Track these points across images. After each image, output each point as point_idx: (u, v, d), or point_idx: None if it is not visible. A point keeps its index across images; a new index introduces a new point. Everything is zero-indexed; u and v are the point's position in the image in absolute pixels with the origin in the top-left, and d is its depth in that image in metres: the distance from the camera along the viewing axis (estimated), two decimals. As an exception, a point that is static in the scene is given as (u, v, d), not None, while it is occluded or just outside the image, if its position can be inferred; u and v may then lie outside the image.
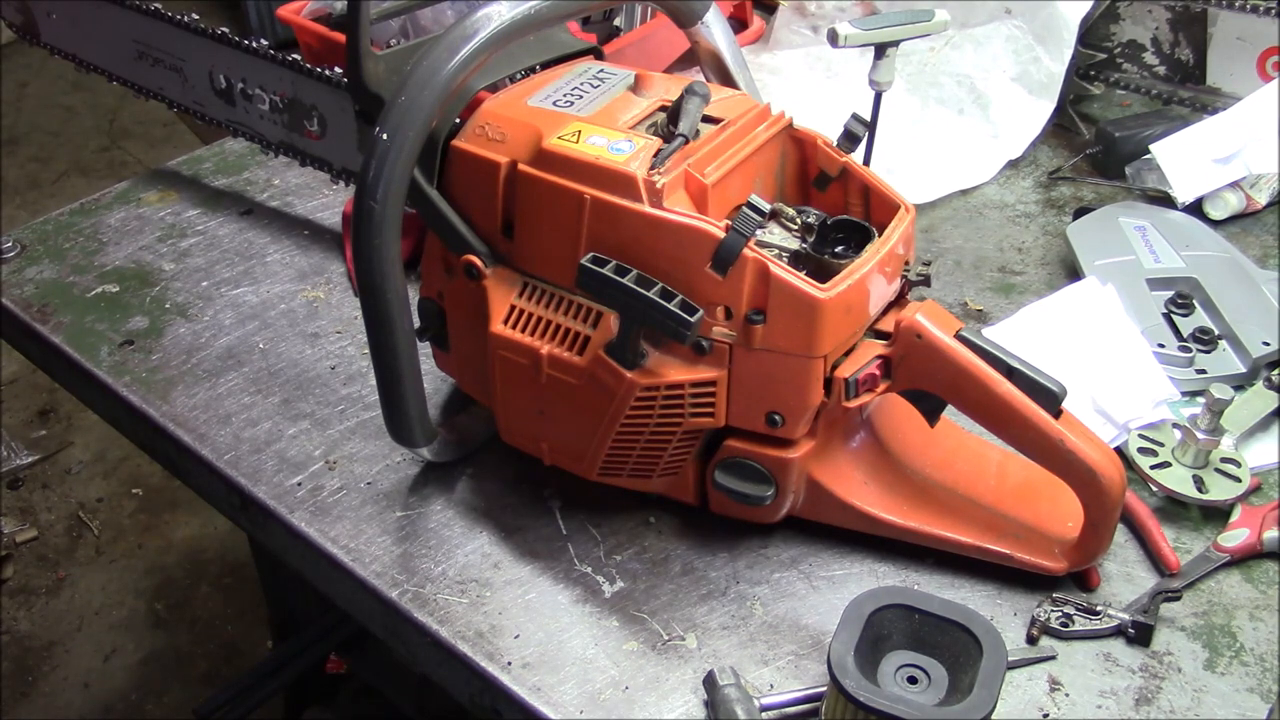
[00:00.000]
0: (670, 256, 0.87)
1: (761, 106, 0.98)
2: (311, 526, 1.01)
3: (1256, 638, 0.93)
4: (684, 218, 0.86)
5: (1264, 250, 1.31)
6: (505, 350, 0.94)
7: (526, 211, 0.92)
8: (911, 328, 0.90)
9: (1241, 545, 0.97)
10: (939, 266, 1.30)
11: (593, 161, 0.88)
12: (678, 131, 0.89)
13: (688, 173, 0.88)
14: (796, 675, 0.90)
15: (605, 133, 0.90)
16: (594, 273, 0.87)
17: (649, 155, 0.88)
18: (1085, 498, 0.91)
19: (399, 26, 1.40)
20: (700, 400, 0.91)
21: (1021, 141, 1.45)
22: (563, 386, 0.93)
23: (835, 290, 0.86)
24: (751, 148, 0.93)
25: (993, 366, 0.89)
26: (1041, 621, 0.91)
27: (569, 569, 0.98)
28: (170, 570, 2.43)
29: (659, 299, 0.85)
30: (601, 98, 0.96)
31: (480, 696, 0.92)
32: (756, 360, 0.88)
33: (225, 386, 1.15)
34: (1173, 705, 0.88)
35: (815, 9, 1.64)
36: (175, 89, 1.37)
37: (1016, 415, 0.89)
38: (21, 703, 2.20)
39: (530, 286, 0.94)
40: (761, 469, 0.94)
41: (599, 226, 0.88)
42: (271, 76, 1.26)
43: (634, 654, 0.92)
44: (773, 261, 0.86)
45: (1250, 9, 1.43)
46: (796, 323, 0.86)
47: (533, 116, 0.93)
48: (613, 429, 0.93)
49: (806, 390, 0.89)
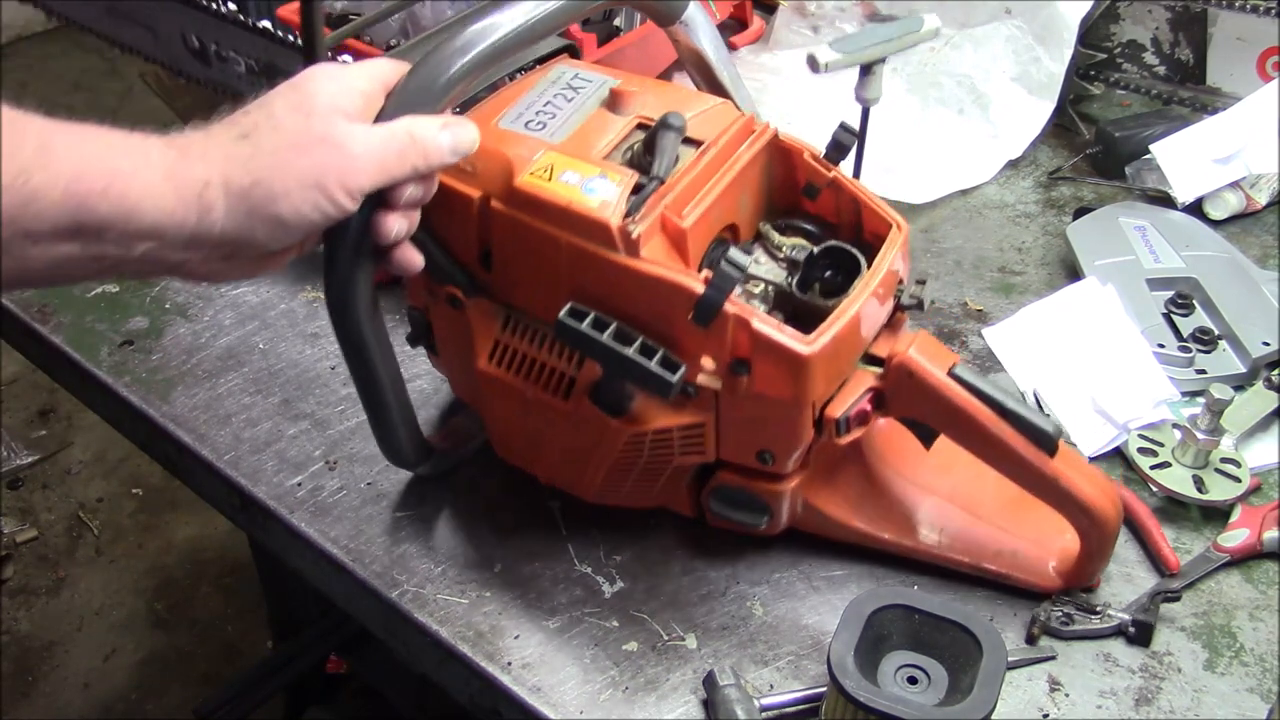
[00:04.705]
0: (650, 307, 0.85)
1: (745, 119, 0.93)
2: (311, 526, 1.01)
3: (1256, 638, 0.93)
4: (661, 271, 0.84)
5: (1264, 250, 1.31)
6: (492, 386, 0.93)
7: (503, 248, 0.90)
8: (903, 365, 0.87)
9: (1241, 545, 0.97)
10: (939, 266, 1.30)
11: (565, 206, 0.84)
12: (652, 174, 0.85)
13: (664, 216, 0.85)
14: (796, 675, 0.90)
15: (578, 167, 0.86)
16: (571, 329, 0.84)
17: (624, 196, 0.84)
18: (1080, 530, 0.91)
19: (399, 27, 1.40)
20: (689, 441, 0.90)
21: (1021, 141, 1.45)
22: (552, 423, 0.92)
23: (820, 343, 0.83)
24: (734, 171, 0.90)
25: (987, 406, 0.87)
26: (1042, 621, 0.91)
27: (569, 569, 0.98)
28: (170, 570, 2.43)
29: (639, 357, 0.83)
30: (575, 115, 0.91)
31: (480, 696, 0.92)
32: (743, 406, 0.86)
33: (225, 386, 1.15)
34: (1173, 705, 0.88)
35: (815, 9, 1.64)
36: (148, 45, 1.36)
37: (1010, 453, 0.88)
38: (21, 703, 2.20)
39: (513, 320, 0.92)
40: (755, 497, 0.93)
41: (576, 273, 0.86)
42: (244, 42, 1.26)
43: (634, 654, 0.92)
44: (754, 315, 0.83)
45: (1250, 9, 1.43)
46: (782, 374, 0.84)
47: (503, 144, 0.88)
48: (604, 465, 0.92)
49: (795, 433, 0.88)
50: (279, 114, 0.74)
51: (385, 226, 0.79)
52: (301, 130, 0.73)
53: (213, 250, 0.73)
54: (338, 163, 0.74)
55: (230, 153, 0.72)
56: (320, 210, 0.74)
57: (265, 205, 0.72)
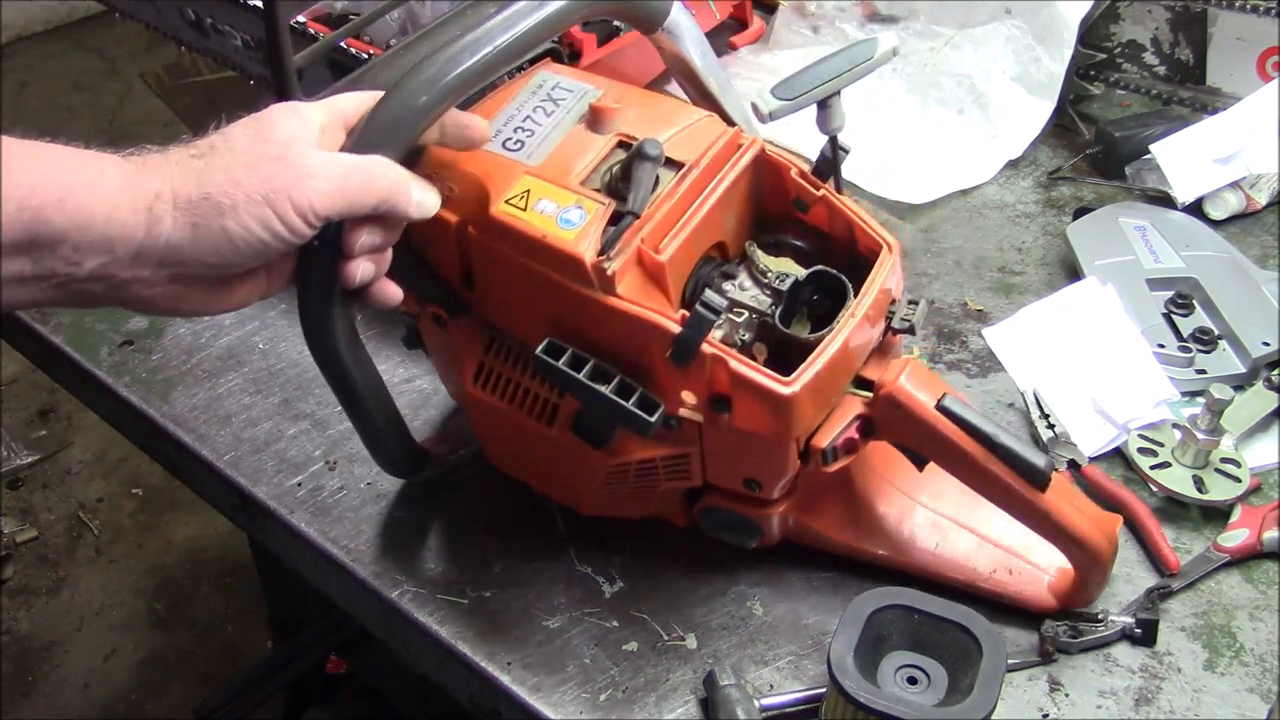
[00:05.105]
0: (627, 343, 0.84)
1: (730, 134, 0.90)
2: (311, 526, 1.01)
3: (1256, 638, 0.93)
4: (637, 310, 0.82)
5: (1264, 250, 1.31)
6: (480, 407, 0.93)
7: (483, 272, 0.89)
8: (891, 397, 0.86)
9: (1241, 545, 0.97)
10: (939, 267, 1.30)
11: (541, 239, 0.83)
12: (628, 208, 0.82)
13: (641, 250, 0.83)
14: (796, 675, 0.90)
15: (555, 194, 0.84)
16: (548, 366, 0.84)
17: (600, 227, 0.82)
18: (1075, 563, 0.90)
19: (399, 26, 1.40)
20: (674, 469, 0.90)
21: (1021, 141, 1.45)
22: (539, 446, 0.92)
23: (800, 382, 0.82)
24: (718, 193, 0.88)
25: (976, 440, 0.85)
26: (1050, 637, 0.91)
27: (569, 569, 0.98)
28: (170, 570, 2.43)
29: (616, 397, 0.82)
30: (555, 132, 0.89)
31: (480, 696, 0.92)
32: (726, 438, 0.85)
33: (225, 386, 1.15)
34: (1172, 705, 0.88)
35: (815, 9, 1.64)
36: (150, 15, 1.38)
37: (1000, 487, 0.87)
38: (21, 703, 2.20)
39: (497, 342, 0.91)
40: (745, 519, 0.93)
41: (554, 305, 0.85)
42: (239, 18, 1.27)
43: (634, 654, 0.92)
44: (732, 356, 0.82)
45: (1250, 9, 1.43)
46: (763, 411, 0.83)
47: (480, 166, 0.86)
48: (592, 487, 0.92)
49: (780, 464, 0.87)
50: (235, 137, 0.74)
51: (348, 273, 0.78)
52: (256, 151, 0.73)
53: (160, 267, 0.72)
54: (290, 180, 0.72)
55: (184, 167, 0.72)
56: (269, 228, 0.72)
57: (213, 219, 0.71)
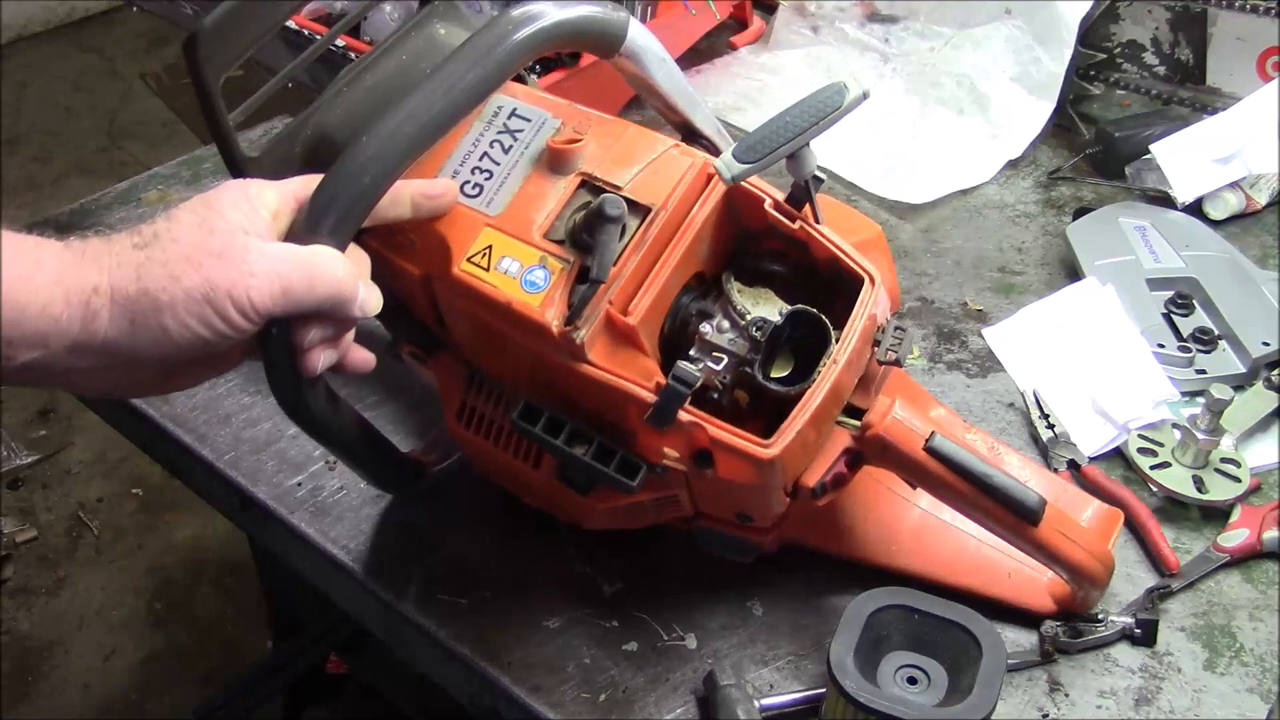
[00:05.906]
0: (604, 405, 0.83)
1: (699, 166, 0.85)
2: (311, 526, 1.01)
3: (1256, 638, 0.93)
4: (610, 379, 0.81)
5: (1264, 250, 1.31)
6: (465, 443, 0.93)
7: (453, 321, 0.87)
8: (877, 440, 0.85)
9: (1241, 545, 0.97)
10: (939, 266, 1.30)
11: (506, 304, 0.81)
12: (591, 275, 0.79)
13: (610, 314, 0.81)
14: (796, 675, 0.90)
15: (518, 250, 0.82)
16: (526, 430, 0.83)
17: (566, 289, 0.81)
18: (1070, 585, 0.90)
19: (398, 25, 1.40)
20: (664, 506, 0.89)
21: (1021, 141, 1.45)
22: (527, 481, 0.92)
23: (781, 444, 0.80)
24: (689, 236, 0.84)
25: (965, 480, 0.84)
26: (1050, 637, 0.91)
27: (569, 569, 0.98)
28: (170, 570, 2.43)
29: (595, 463, 0.82)
30: (513, 175, 0.86)
31: (480, 696, 0.92)
32: (712, 485, 0.84)
33: (225, 386, 1.15)
34: (1172, 705, 0.88)
35: (815, 9, 1.64)
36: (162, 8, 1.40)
37: (992, 518, 0.87)
38: (21, 703, 2.19)
39: (477, 380, 0.91)
40: (739, 539, 0.92)
41: (528, 363, 0.84)
42: None
43: (633, 654, 0.92)
44: (710, 422, 0.81)
45: (1250, 9, 1.43)
46: (745, 467, 0.81)
47: (440, 219, 0.84)
48: (585, 516, 0.92)
49: (769, 504, 0.87)
50: (181, 225, 0.71)
51: (308, 365, 0.75)
52: (199, 243, 0.70)
53: (97, 360, 0.70)
54: (231, 278, 0.69)
55: (124, 259, 0.69)
56: (209, 326, 0.69)
57: (150, 316, 0.68)
